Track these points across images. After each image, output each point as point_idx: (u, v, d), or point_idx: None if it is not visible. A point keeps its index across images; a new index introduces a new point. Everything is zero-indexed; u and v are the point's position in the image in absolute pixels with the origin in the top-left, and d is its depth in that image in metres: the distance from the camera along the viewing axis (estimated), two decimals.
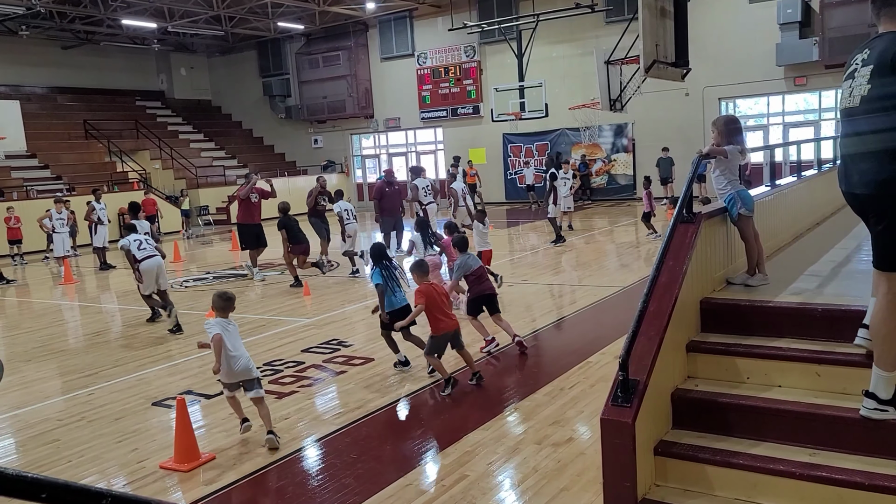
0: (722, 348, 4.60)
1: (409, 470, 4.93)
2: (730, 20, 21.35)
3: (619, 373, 3.98)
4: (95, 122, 26.98)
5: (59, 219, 16.50)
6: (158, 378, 7.47)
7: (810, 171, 8.69)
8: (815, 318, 4.51)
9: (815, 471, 3.76)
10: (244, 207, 13.18)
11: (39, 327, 10.60)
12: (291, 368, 7.46)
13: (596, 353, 7.29)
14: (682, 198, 4.78)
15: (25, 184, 22.40)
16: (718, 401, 4.30)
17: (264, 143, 32.53)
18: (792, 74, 20.95)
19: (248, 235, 13.14)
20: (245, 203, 13.12)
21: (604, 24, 22.53)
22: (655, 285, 4.40)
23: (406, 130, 28.99)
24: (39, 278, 15.94)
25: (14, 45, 25.90)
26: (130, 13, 24.30)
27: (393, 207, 14.39)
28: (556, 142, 25.21)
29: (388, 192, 14.23)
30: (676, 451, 4.12)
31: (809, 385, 4.27)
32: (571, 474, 4.68)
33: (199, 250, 19.74)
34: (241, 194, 13.16)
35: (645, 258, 12.73)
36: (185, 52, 32.01)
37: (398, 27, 27.66)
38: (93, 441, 5.81)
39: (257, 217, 13.20)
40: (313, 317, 9.71)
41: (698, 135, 20.94)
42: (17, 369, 8.24)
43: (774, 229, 6.39)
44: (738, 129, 5.37)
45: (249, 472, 5.06)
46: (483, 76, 26.19)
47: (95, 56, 28.95)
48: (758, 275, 5.25)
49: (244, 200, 13.09)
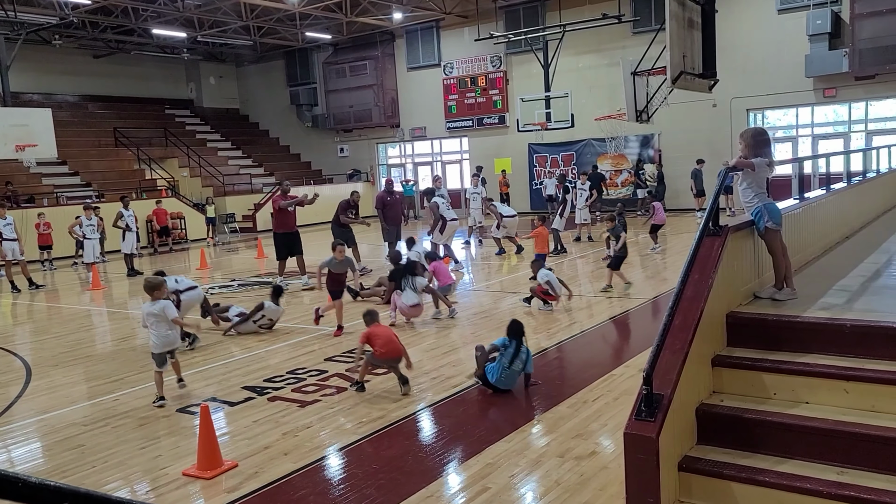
0: (748, 363, 4.54)
1: (431, 481, 4.91)
2: (758, 31, 21.15)
3: (643, 387, 3.94)
4: (125, 130, 27.44)
5: (89, 225, 16.75)
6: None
7: (839, 183, 8.56)
8: (844, 333, 4.44)
9: (844, 490, 3.69)
10: (281, 216, 13.18)
11: (67, 332, 10.76)
12: (315, 377, 7.48)
13: (620, 366, 7.23)
14: (709, 210, 4.74)
15: (56, 190, 22.82)
16: (744, 416, 4.24)
17: (291, 152, 32.82)
18: (821, 86, 20.69)
19: (281, 245, 13.12)
20: (281, 212, 13.13)
21: (631, 34, 22.45)
22: (681, 298, 4.36)
23: (432, 140, 29.08)
24: (68, 284, 16.20)
25: (47, 55, 26.45)
26: (161, 23, 24.71)
27: (395, 216, 14.71)
28: (581, 152, 25.12)
29: (389, 202, 14.55)
30: (701, 467, 4.07)
31: (838, 402, 4.19)
32: (594, 488, 4.63)
33: (224, 258, 19.93)
34: (283, 204, 13.05)
35: (672, 270, 12.61)
36: (215, 62, 32.46)
37: (425, 37, 27.79)
38: (117, 447, 5.87)
39: (293, 225, 13.22)
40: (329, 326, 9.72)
41: (726, 146, 20.72)
42: (44, 374, 8.36)
43: (803, 243, 6.29)
44: (766, 141, 5.31)
45: (271, 480, 5.07)
46: (509, 86, 26.20)
47: (126, 65, 29.48)
48: (785, 289, 5.17)
49: (280, 210, 13.12)
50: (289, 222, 13.17)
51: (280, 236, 13.18)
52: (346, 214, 13.99)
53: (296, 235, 13.18)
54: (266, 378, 7.54)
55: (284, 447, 5.64)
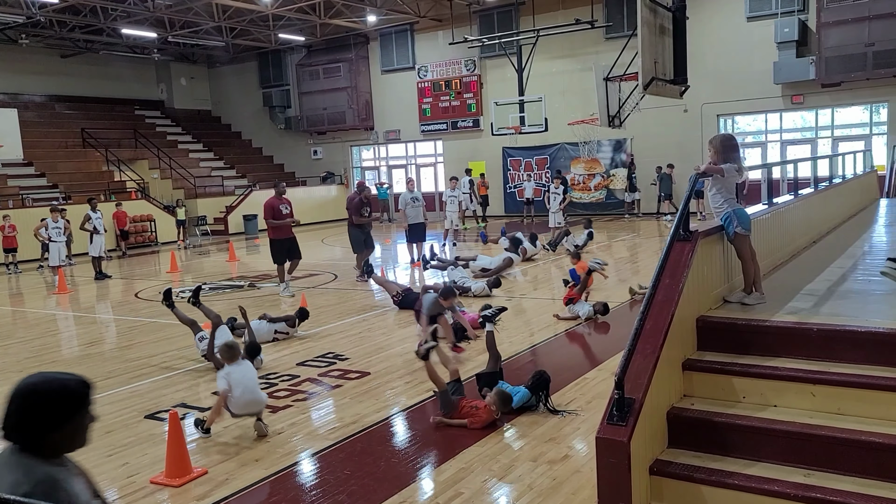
0: (718, 367, 4.59)
1: (404, 487, 4.89)
2: (728, 38, 21.46)
3: (615, 391, 3.96)
4: (93, 131, 27.01)
5: (55, 227, 16.46)
6: (152, 390, 7.42)
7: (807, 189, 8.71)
8: (811, 337, 4.51)
9: (810, 492, 3.74)
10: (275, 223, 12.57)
11: (32, 337, 10.54)
12: (286, 382, 7.42)
13: (592, 370, 7.27)
14: (680, 215, 4.79)
15: (21, 192, 22.37)
16: (714, 420, 4.29)
17: (263, 154, 32.56)
18: (789, 92, 21.05)
19: (279, 250, 12.64)
20: (275, 219, 12.56)
21: (603, 40, 22.64)
22: (652, 303, 4.40)
23: (406, 143, 29.05)
24: (33, 287, 15.89)
25: (13, 54, 25.97)
26: (131, 23, 24.37)
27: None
28: (555, 156, 25.28)
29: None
30: (672, 471, 4.11)
31: (805, 405, 4.26)
32: (567, 492, 4.64)
33: (195, 260, 19.71)
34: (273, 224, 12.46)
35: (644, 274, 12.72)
36: (186, 62, 32.10)
37: (399, 40, 27.77)
38: (83, 454, 5.68)
39: (289, 230, 12.65)
40: (309, 329, 9.67)
41: (697, 151, 21.01)
42: (8, 380, 8.13)
43: (771, 248, 6.39)
44: (735, 146, 5.38)
45: (242, 487, 5.01)
46: (483, 90, 26.28)
47: (95, 65, 29.02)
48: (754, 293, 5.24)
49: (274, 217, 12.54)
50: (285, 227, 12.62)
51: (277, 242, 12.65)
52: (361, 213, 13.75)
53: (293, 241, 12.70)
54: None
55: (255, 453, 5.58)
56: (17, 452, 2.00)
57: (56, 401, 2.04)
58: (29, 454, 2.00)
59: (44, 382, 2.07)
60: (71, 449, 2.10)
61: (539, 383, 6.16)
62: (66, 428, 2.05)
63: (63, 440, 2.06)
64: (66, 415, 2.05)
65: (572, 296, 9.71)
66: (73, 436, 2.08)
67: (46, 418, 2.01)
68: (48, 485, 1.94)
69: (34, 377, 2.07)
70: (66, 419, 2.04)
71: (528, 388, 6.15)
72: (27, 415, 2.01)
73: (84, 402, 2.10)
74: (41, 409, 2.01)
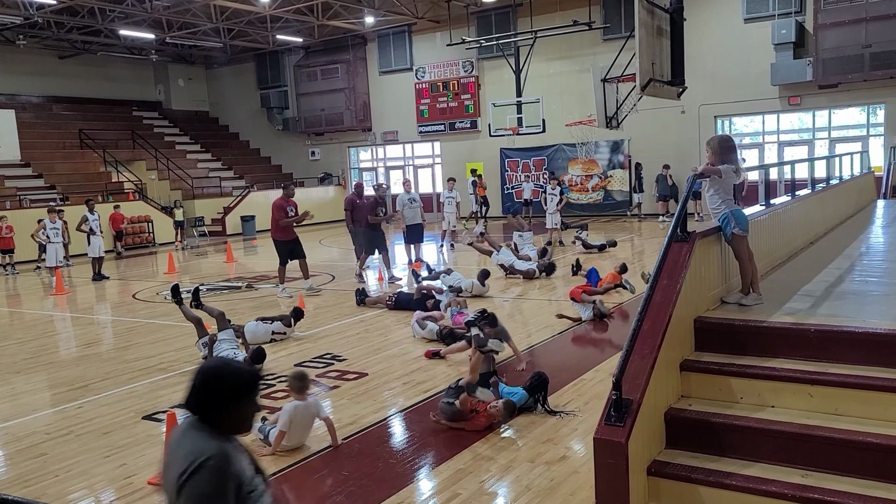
0: (716, 368, 4.60)
1: (402, 488, 4.89)
2: (725, 39, 21.49)
3: (613, 392, 3.96)
4: (91, 132, 26.97)
5: (52, 228, 16.44)
6: (150, 391, 7.41)
7: (804, 190, 8.73)
8: (809, 338, 4.52)
9: (808, 492, 3.75)
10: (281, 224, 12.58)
11: (29, 338, 10.52)
12: (284, 383, 7.41)
13: (590, 371, 7.27)
14: (677, 216, 4.79)
15: (18, 193, 22.33)
16: (712, 421, 4.29)
17: (261, 155, 32.54)
18: (786, 94, 21.08)
19: (283, 251, 12.63)
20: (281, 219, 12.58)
21: (601, 41, 22.66)
22: (650, 304, 4.40)
23: (404, 144, 29.05)
24: (31, 288, 15.86)
25: (11, 55, 25.93)
26: (129, 24, 24.34)
27: (363, 219, 14.55)
28: (552, 157, 25.30)
29: (359, 205, 14.46)
30: (670, 472, 4.11)
31: (802, 405, 4.26)
32: (564, 493, 4.64)
33: (193, 261, 19.69)
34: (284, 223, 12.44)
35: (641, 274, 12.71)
36: (184, 63, 32.07)
37: (397, 41, 27.77)
38: (80, 455, 5.75)
39: (292, 232, 12.66)
40: (307, 330, 9.66)
41: (694, 152, 21.02)
42: (5, 381, 8.18)
43: (769, 248, 6.40)
44: (732, 147, 5.39)
45: None
46: (481, 91, 26.29)
47: (92, 66, 28.98)
48: (752, 294, 5.25)
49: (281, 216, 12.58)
50: (288, 229, 12.63)
51: (281, 243, 12.65)
52: (376, 213, 13.67)
53: (296, 241, 12.70)
54: None
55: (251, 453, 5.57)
56: (198, 423, 2.29)
57: (227, 384, 2.30)
58: (207, 427, 2.27)
59: (220, 367, 2.41)
60: (237, 430, 2.35)
61: (537, 385, 6.16)
62: (233, 410, 2.30)
63: (230, 420, 2.31)
64: (234, 398, 2.30)
65: (586, 289, 9.67)
66: (239, 418, 2.33)
67: (218, 398, 2.28)
68: (223, 456, 2.21)
69: (215, 360, 2.45)
70: (233, 402, 2.29)
71: (525, 389, 6.16)
72: (203, 392, 2.29)
73: (251, 390, 2.35)
74: (214, 389, 2.29)
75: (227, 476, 2.18)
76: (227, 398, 2.28)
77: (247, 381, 2.35)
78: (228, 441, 2.30)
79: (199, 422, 2.29)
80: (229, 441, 2.30)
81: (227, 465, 2.20)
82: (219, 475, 2.16)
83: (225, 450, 2.23)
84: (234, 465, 2.23)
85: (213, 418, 2.28)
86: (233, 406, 2.29)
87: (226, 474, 2.18)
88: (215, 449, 2.21)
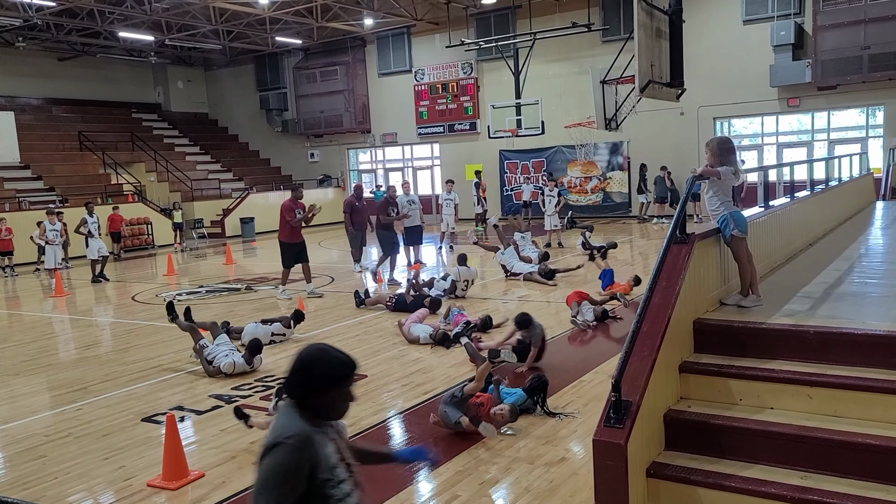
0: (715, 369, 4.60)
1: (401, 489, 4.89)
2: (724, 41, 21.51)
3: (612, 393, 3.96)
4: (90, 134, 26.97)
5: (52, 230, 16.43)
6: (149, 393, 7.41)
7: (803, 191, 8.73)
8: (808, 339, 4.52)
9: (807, 494, 3.75)
10: (289, 225, 12.50)
11: (29, 340, 10.51)
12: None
13: (589, 372, 7.27)
14: (676, 218, 4.79)
15: (18, 195, 22.32)
16: (711, 422, 4.29)
17: (260, 157, 32.54)
18: (785, 95, 21.09)
19: (289, 253, 12.57)
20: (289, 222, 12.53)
21: (600, 43, 22.67)
22: (649, 305, 4.40)
23: (403, 146, 29.06)
24: (30, 290, 15.85)
25: (10, 57, 25.92)
26: (128, 26, 24.34)
27: (362, 222, 14.77)
28: (551, 159, 25.31)
29: (357, 207, 14.51)
30: (669, 473, 4.11)
31: (801, 407, 4.26)
32: (564, 495, 4.64)
33: (192, 263, 19.68)
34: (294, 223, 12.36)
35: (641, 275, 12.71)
36: (183, 65, 32.07)
37: (396, 43, 27.78)
38: (80, 458, 5.75)
39: (299, 234, 12.62)
40: (307, 332, 9.66)
41: (693, 154, 21.03)
42: (4, 383, 8.17)
43: (768, 250, 6.40)
44: (731, 149, 5.39)
45: (239, 490, 5.01)
46: (480, 93, 26.29)
47: (92, 68, 28.98)
48: (751, 296, 5.25)
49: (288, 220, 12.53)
50: (296, 232, 12.58)
51: (287, 245, 12.59)
52: (388, 213, 13.68)
53: (302, 244, 12.66)
54: (234, 386, 7.45)
55: (252, 456, 5.55)
56: (293, 406, 2.39)
57: (318, 373, 2.38)
58: (299, 410, 2.37)
59: (315, 355, 2.44)
60: (327, 416, 2.43)
61: (536, 386, 6.16)
62: (325, 397, 2.38)
63: (322, 407, 2.39)
64: (326, 386, 2.38)
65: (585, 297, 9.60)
66: (331, 406, 2.41)
67: (309, 385, 2.38)
68: (302, 438, 2.29)
69: (313, 348, 2.46)
70: (323, 390, 2.37)
71: (525, 390, 6.16)
72: (296, 378, 2.40)
73: (343, 380, 2.42)
74: (306, 377, 2.39)
75: (302, 457, 2.26)
76: (318, 386, 2.37)
77: (338, 371, 2.41)
78: (318, 426, 2.37)
79: (294, 405, 2.39)
80: (319, 426, 2.38)
81: (306, 447, 2.28)
82: (293, 454, 2.25)
83: (308, 433, 2.31)
84: (313, 448, 2.30)
85: (304, 403, 2.37)
86: (323, 394, 2.37)
87: (301, 455, 2.26)
88: (298, 430, 2.30)
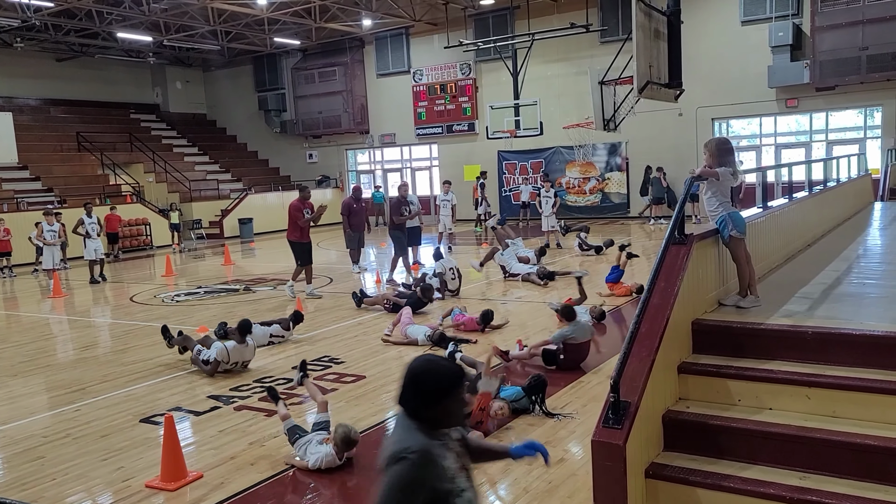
0: (713, 370, 4.60)
1: None
2: (723, 42, 21.53)
3: (611, 394, 3.96)
4: (89, 135, 26.95)
5: (50, 231, 16.41)
6: (147, 394, 7.40)
7: (801, 192, 8.73)
8: (806, 340, 4.52)
9: (806, 494, 3.75)
10: (297, 226, 12.64)
11: (27, 341, 10.50)
12: (282, 385, 7.40)
13: (588, 373, 7.27)
14: (675, 219, 4.79)
15: (16, 196, 22.30)
16: (710, 423, 4.29)
17: (259, 158, 32.53)
18: (783, 96, 21.12)
19: (302, 252, 12.68)
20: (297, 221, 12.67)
21: (598, 44, 22.68)
22: (647, 306, 4.40)
23: (401, 146, 29.06)
24: (28, 291, 15.83)
25: (8, 58, 25.90)
26: (126, 26, 24.33)
27: (360, 223, 14.79)
28: (550, 160, 25.32)
29: (355, 209, 14.52)
30: (668, 474, 4.10)
31: (800, 408, 4.26)
32: (562, 496, 4.64)
33: (191, 264, 19.67)
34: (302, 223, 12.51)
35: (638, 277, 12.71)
36: (181, 66, 32.06)
37: (394, 44, 27.79)
38: (78, 458, 5.74)
39: (307, 235, 12.74)
40: (305, 333, 9.66)
41: (692, 155, 21.04)
42: (2, 384, 8.16)
43: (766, 251, 6.40)
44: (730, 150, 5.39)
45: (237, 490, 5.00)
46: (478, 93, 26.30)
47: (90, 69, 28.96)
48: (749, 296, 5.25)
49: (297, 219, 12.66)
50: (304, 232, 12.69)
51: (297, 244, 12.69)
52: (401, 212, 13.68)
53: (310, 245, 12.80)
54: (232, 387, 7.44)
55: (251, 457, 5.57)
56: (408, 418, 2.39)
57: (429, 385, 2.38)
58: (416, 422, 2.37)
59: (424, 366, 2.43)
60: (446, 425, 2.43)
61: (535, 386, 6.16)
62: (440, 407, 2.37)
63: (438, 416, 2.39)
64: (439, 396, 2.38)
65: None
66: (447, 415, 2.41)
67: (423, 396, 2.37)
68: (424, 454, 2.29)
69: (421, 359, 2.45)
70: (439, 400, 2.37)
71: (524, 389, 6.16)
72: (410, 389, 2.39)
73: (454, 389, 2.41)
74: (420, 387, 2.39)
75: (423, 473, 2.28)
76: (431, 397, 2.37)
77: (449, 381, 2.41)
78: (435, 437, 2.37)
79: (409, 416, 2.39)
80: (436, 437, 2.38)
81: (427, 463, 2.30)
82: (415, 470, 2.26)
83: (427, 447, 2.32)
84: (433, 463, 2.32)
85: (419, 414, 2.37)
86: (436, 404, 2.37)
87: (422, 471, 2.28)
88: (418, 445, 2.30)
